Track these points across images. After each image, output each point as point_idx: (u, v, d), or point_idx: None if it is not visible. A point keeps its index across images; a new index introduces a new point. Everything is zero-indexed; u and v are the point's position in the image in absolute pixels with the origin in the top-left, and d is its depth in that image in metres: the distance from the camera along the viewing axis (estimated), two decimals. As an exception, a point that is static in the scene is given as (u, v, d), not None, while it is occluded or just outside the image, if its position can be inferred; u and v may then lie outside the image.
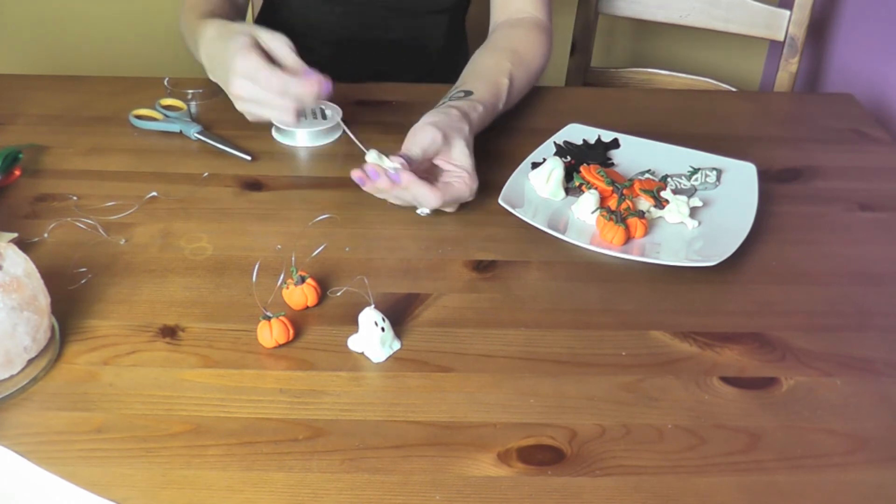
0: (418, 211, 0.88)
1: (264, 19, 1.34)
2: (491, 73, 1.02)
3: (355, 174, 0.83)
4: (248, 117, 0.90)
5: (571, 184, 0.91)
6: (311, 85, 0.85)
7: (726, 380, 0.71)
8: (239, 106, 0.89)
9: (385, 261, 0.83)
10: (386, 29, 1.25)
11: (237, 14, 1.10)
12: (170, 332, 0.74)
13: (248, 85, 0.86)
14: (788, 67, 1.46)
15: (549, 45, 1.12)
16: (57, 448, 0.63)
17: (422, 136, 0.86)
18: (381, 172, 0.83)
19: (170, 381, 0.69)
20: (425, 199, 0.84)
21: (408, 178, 0.83)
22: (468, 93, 0.97)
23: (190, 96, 1.08)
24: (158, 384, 0.69)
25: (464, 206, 0.90)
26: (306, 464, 0.62)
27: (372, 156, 0.84)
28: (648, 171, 0.95)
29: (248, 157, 0.98)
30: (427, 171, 0.88)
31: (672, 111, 1.13)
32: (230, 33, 0.89)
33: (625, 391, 0.69)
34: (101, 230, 0.85)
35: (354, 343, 0.73)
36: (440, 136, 0.86)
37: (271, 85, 0.85)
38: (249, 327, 0.73)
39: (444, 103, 0.95)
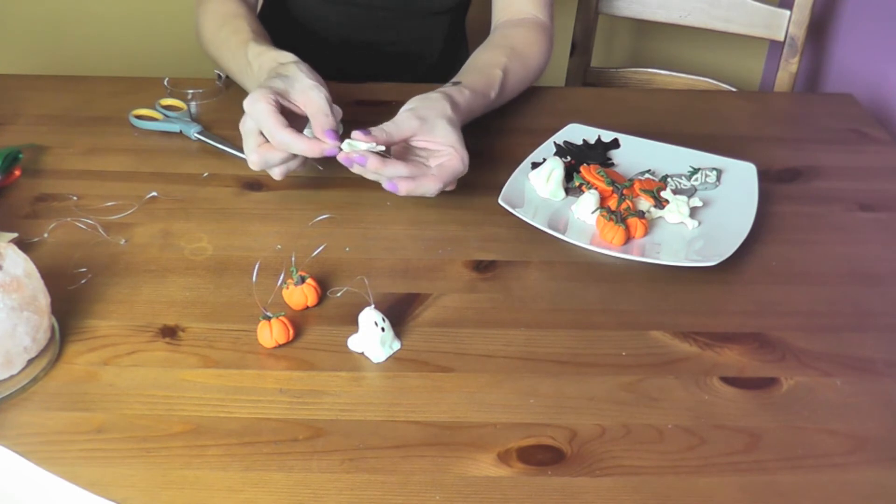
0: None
1: (264, 22, 1.34)
2: (484, 65, 1.03)
3: (341, 157, 0.84)
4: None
5: (571, 184, 0.91)
6: (313, 147, 0.83)
7: (726, 380, 0.71)
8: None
9: (385, 261, 0.83)
10: (386, 30, 1.25)
11: (252, 12, 1.10)
12: (170, 332, 0.74)
13: (248, 122, 0.85)
14: (788, 67, 1.46)
15: (549, 45, 1.12)
16: (57, 448, 0.63)
17: (398, 118, 0.87)
18: (367, 155, 0.83)
19: (170, 381, 0.69)
20: (426, 189, 0.85)
21: (407, 187, 0.84)
22: (457, 83, 0.97)
23: (190, 96, 1.08)
24: (158, 384, 0.69)
25: (464, 206, 0.90)
26: (306, 464, 0.62)
27: (345, 147, 0.84)
28: (648, 171, 0.95)
29: (249, 157, 0.98)
30: (413, 154, 0.88)
31: (672, 111, 1.13)
32: (276, 73, 0.88)
33: (625, 391, 0.69)
34: (101, 230, 0.85)
35: (354, 343, 0.73)
36: (416, 120, 0.86)
37: (271, 133, 0.83)
38: (249, 327, 0.73)
39: None
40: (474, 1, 1.30)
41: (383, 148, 0.84)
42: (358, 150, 0.83)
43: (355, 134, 0.84)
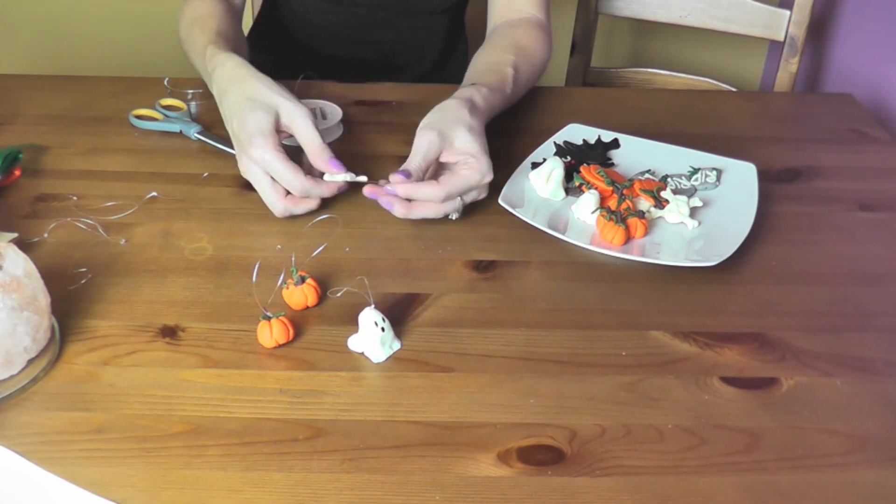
0: (450, 216, 0.87)
1: (264, 22, 1.34)
2: (494, 64, 1.02)
3: (367, 191, 0.86)
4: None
5: (571, 184, 0.91)
6: (327, 189, 0.86)
7: (726, 380, 0.71)
8: (242, 170, 0.87)
9: (385, 261, 0.83)
10: (386, 30, 1.25)
11: (235, 16, 1.09)
12: (170, 332, 0.74)
13: (254, 168, 0.85)
14: (788, 67, 1.46)
15: (549, 43, 1.12)
16: (57, 448, 0.63)
17: (418, 143, 0.85)
18: (394, 201, 0.84)
19: (170, 381, 0.69)
20: (428, 196, 0.83)
21: (406, 189, 0.83)
22: (473, 84, 0.96)
23: (190, 96, 1.08)
24: (158, 384, 0.69)
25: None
26: (306, 464, 0.62)
27: (327, 178, 0.86)
28: (648, 171, 0.95)
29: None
30: (437, 172, 0.88)
31: (672, 111, 1.13)
32: (251, 101, 0.85)
33: (625, 391, 0.69)
34: (101, 230, 0.85)
35: (354, 343, 0.73)
36: (435, 135, 0.85)
37: (291, 184, 0.83)
38: (249, 327, 0.73)
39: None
40: (473, 0, 1.30)
41: (365, 178, 0.86)
42: (343, 180, 0.86)
43: (393, 178, 0.83)
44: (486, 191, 0.88)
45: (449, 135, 0.86)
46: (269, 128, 0.84)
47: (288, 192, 0.85)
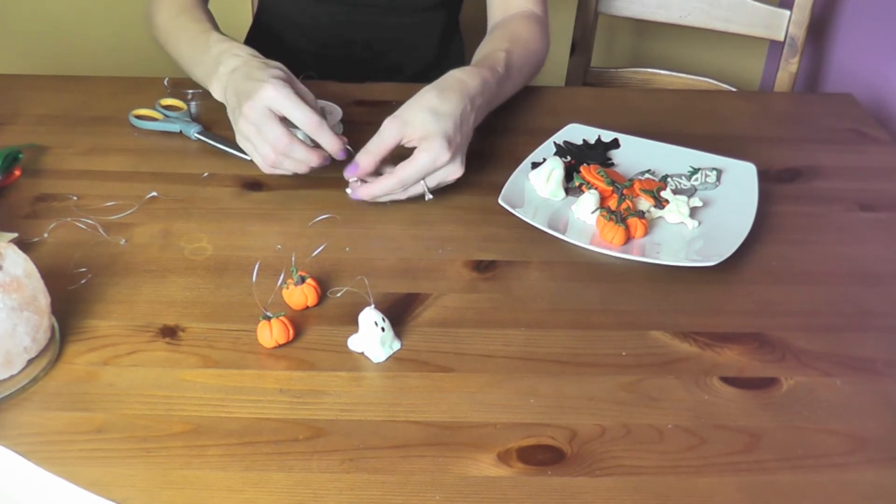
0: (425, 198, 0.88)
1: (260, 24, 1.34)
2: (486, 53, 1.03)
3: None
4: (241, 143, 0.89)
5: (571, 184, 0.91)
6: (319, 157, 0.87)
7: (726, 380, 0.71)
8: (245, 117, 0.87)
9: (385, 261, 0.83)
10: (380, 28, 1.25)
11: (206, 5, 1.13)
12: (170, 332, 0.74)
13: (259, 113, 0.85)
14: (788, 67, 1.46)
15: (547, 36, 1.12)
16: (57, 448, 0.63)
17: (381, 130, 0.87)
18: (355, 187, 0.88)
19: (170, 381, 0.69)
20: (386, 189, 0.86)
21: (367, 191, 0.87)
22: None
23: (190, 96, 1.08)
24: (158, 384, 0.69)
25: (464, 206, 0.90)
26: (306, 464, 0.62)
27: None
28: (648, 171, 0.95)
29: (248, 157, 0.97)
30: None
31: (672, 111, 1.13)
32: (263, 65, 0.89)
33: (625, 391, 0.69)
34: (101, 230, 0.85)
35: (354, 343, 0.73)
36: (393, 121, 0.86)
37: (304, 121, 0.85)
38: (249, 327, 0.73)
39: None
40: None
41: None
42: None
43: (347, 173, 0.87)
44: (455, 170, 0.87)
45: (409, 119, 0.86)
46: (286, 78, 0.87)
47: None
